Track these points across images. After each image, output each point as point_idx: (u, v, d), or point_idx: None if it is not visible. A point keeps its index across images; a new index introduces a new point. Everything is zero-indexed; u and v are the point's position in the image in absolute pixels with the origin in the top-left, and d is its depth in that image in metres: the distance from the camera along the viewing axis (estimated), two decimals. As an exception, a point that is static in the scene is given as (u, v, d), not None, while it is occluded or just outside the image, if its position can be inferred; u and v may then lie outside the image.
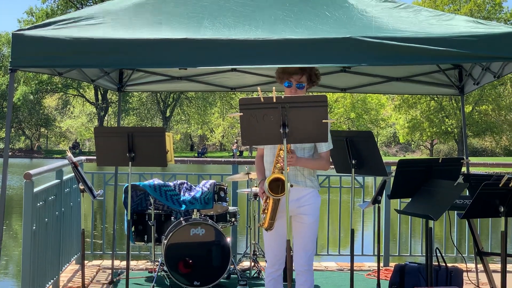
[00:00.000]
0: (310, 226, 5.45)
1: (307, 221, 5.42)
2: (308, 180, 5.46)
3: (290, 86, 5.45)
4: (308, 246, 5.46)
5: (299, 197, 5.38)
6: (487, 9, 62.22)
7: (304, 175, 5.43)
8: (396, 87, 8.67)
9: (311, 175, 5.48)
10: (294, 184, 5.34)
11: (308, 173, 5.46)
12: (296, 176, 5.40)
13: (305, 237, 5.44)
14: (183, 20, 5.88)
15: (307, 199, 5.42)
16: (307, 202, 5.41)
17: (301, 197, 5.40)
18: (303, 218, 5.41)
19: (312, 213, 5.43)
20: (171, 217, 7.93)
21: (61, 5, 69.91)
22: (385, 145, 75.62)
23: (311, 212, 5.43)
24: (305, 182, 5.44)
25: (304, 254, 5.43)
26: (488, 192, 5.12)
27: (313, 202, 5.44)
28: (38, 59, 5.62)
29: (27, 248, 6.36)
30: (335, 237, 9.61)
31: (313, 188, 5.48)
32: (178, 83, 8.80)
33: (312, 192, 5.46)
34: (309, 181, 5.46)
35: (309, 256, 5.48)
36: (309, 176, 5.46)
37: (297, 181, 5.40)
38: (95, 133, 6.57)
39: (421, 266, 7.23)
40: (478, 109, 61.51)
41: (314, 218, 5.46)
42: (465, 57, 5.63)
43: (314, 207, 5.45)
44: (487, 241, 9.14)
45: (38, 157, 62.04)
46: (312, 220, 5.44)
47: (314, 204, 5.45)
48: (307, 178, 5.45)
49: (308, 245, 5.46)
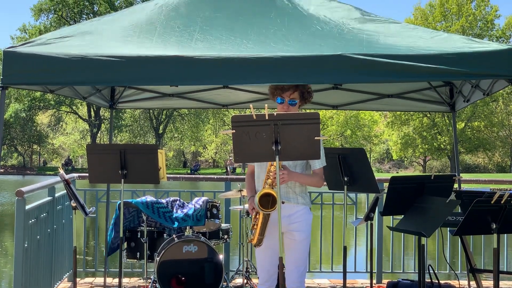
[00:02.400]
0: (302, 242, 5.44)
1: (298, 238, 5.41)
2: (299, 197, 5.46)
3: (283, 103, 5.46)
4: (299, 263, 5.45)
5: (290, 214, 5.38)
6: (479, 26, 62.49)
7: (295, 192, 5.43)
8: (388, 104, 8.70)
9: (302, 192, 5.48)
10: (285, 201, 5.34)
11: (300, 190, 5.46)
12: (287, 193, 5.40)
13: (296, 253, 5.43)
14: (175, 35, 5.90)
15: (299, 215, 5.42)
16: (298, 219, 5.41)
17: (293, 213, 5.39)
18: (295, 234, 5.40)
19: (303, 230, 5.43)
20: (163, 234, 7.92)
21: (54, 22, 69.94)
22: (378, 161, 75.67)
23: (303, 228, 5.43)
24: (297, 199, 5.44)
25: (296, 271, 5.43)
26: (480, 209, 5.13)
27: (304, 219, 5.44)
28: (29, 76, 5.62)
29: (18, 265, 6.34)
30: (327, 254, 9.60)
31: (305, 205, 5.47)
32: (170, 100, 8.80)
33: (303, 209, 5.46)
34: (300, 198, 5.46)
35: (301, 273, 5.47)
36: (300, 193, 5.46)
37: (288, 198, 5.40)
38: (87, 150, 6.56)
39: (413, 283, 7.23)
40: (470, 125, 61.66)
41: (306, 235, 5.45)
42: (454, 75, 5.65)
43: (306, 223, 5.45)
44: (480, 257, 9.14)
45: (30, 174, 61.86)
46: (303, 236, 5.43)
47: (306, 221, 5.45)
48: (298, 195, 5.45)
49: (299, 261, 5.45)
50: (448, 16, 62.79)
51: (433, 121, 61.11)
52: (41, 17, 71.17)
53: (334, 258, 9.21)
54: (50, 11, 70.34)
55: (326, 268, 9.48)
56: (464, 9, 61.63)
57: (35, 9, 69.95)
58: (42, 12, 70.29)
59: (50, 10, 70.12)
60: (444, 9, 62.54)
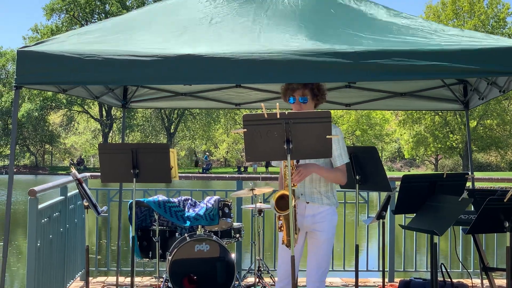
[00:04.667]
0: (324, 242, 5.42)
1: (321, 238, 5.40)
2: (324, 198, 5.43)
3: (294, 102, 5.44)
4: (321, 263, 5.44)
5: (314, 214, 5.36)
6: (491, 24, 62.24)
7: (320, 192, 5.40)
8: (401, 102, 8.66)
9: (328, 192, 5.45)
10: (310, 201, 5.34)
11: (325, 190, 5.43)
12: (312, 193, 5.39)
13: (318, 253, 5.42)
14: (188, 34, 5.90)
15: (323, 216, 5.40)
16: (322, 219, 5.39)
17: (317, 213, 5.38)
18: (318, 234, 5.39)
19: (326, 230, 5.41)
20: (175, 233, 7.93)
21: (66, 22, 70.26)
22: (389, 160, 75.51)
23: (326, 229, 5.41)
24: (321, 199, 5.41)
25: (317, 271, 5.42)
26: (493, 207, 5.10)
27: (328, 219, 5.42)
28: (42, 76, 5.60)
29: (31, 264, 6.36)
30: (340, 253, 9.59)
31: (330, 206, 5.45)
32: (183, 100, 8.80)
33: (328, 210, 5.43)
34: (325, 198, 5.43)
35: (322, 273, 5.45)
36: (326, 194, 5.43)
37: (313, 198, 5.39)
38: (99, 150, 6.56)
39: (426, 282, 7.20)
40: (483, 123, 61.42)
41: (329, 235, 5.43)
42: (471, 72, 5.61)
43: (330, 224, 5.43)
44: (493, 256, 9.10)
45: (43, 173, 62.10)
46: (326, 237, 5.41)
47: (330, 221, 5.43)
48: (323, 195, 5.42)
49: (321, 261, 5.44)
50: (460, 14, 62.56)
51: (445, 119, 60.91)
52: (53, 17, 71.61)
53: (346, 257, 9.20)
54: (62, 11, 70.63)
55: (338, 266, 9.47)
56: (476, 7, 61.40)
57: (47, 9, 70.25)
58: (54, 12, 70.58)
59: (62, 10, 70.40)
60: (456, 7, 62.32)
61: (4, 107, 69.98)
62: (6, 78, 73.61)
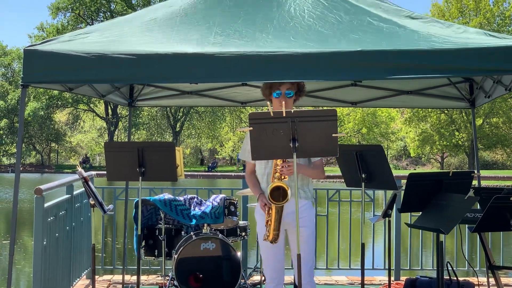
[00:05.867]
0: (309, 237, 5.42)
1: (304, 233, 5.38)
2: (301, 191, 5.42)
3: (279, 95, 5.44)
4: (307, 259, 5.41)
5: (294, 210, 5.36)
6: (496, 22, 62.08)
7: (297, 186, 5.39)
8: (407, 100, 8.64)
9: (304, 186, 5.45)
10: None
11: (300, 184, 5.42)
12: (290, 187, 5.24)
13: (303, 249, 5.34)
14: (194, 32, 5.89)
15: (301, 211, 5.36)
16: (301, 214, 5.33)
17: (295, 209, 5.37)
18: (301, 230, 5.31)
19: (307, 225, 5.41)
20: (181, 231, 7.93)
21: (71, 21, 70.30)
22: (395, 158, 75.37)
23: (306, 224, 5.40)
24: (299, 193, 5.38)
25: (304, 267, 5.34)
26: (499, 206, 5.10)
27: (307, 213, 5.42)
28: (49, 74, 5.61)
29: (37, 263, 6.37)
30: (345, 251, 9.59)
31: (307, 200, 5.45)
32: (189, 98, 8.80)
33: (306, 204, 5.43)
34: (302, 192, 5.43)
35: (309, 269, 5.44)
36: (302, 187, 5.43)
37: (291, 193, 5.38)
38: (105, 148, 6.57)
39: (432, 280, 7.19)
40: (489, 121, 61.26)
41: (311, 230, 5.43)
42: (476, 71, 5.60)
43: (309, 219, 5.42)
44: (499, 254, 9.09)
45: (48, 172, 62.19)
46: (308, 232, 5.41)
47: (309, 216, 5.42)
48: (299, 189, 5.40)
49: (306, 257, 5.40)
50: (465, 12, 62.41)
51: (451, 117, 60.80)
52: (59, 16, 71.53)
53: (352, 255, 9.19)
54: (67, 10, 70.64)
55: (344, 265, 9.46)
56: (481, 5, 61.24)
57: (53, 7, 70.28)
58: (59, 11, 70.59)
59: (67, 8, 70.41)
60: (461, 5, 62.18)
61: (10, 105, 70.08)
62: (12, 77, 73.69)
